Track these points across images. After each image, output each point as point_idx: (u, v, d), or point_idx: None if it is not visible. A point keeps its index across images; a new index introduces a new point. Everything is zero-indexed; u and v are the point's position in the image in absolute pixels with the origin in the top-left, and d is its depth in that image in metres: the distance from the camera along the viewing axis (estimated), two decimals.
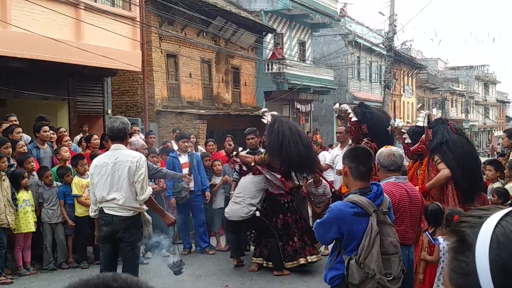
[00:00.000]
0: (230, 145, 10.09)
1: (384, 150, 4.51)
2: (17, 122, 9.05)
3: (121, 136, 5.35)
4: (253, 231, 8.10)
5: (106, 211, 5.37)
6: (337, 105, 8.16)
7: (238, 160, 8.17)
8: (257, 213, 7.60)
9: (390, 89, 28.11)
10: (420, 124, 6.45)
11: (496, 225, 0.94)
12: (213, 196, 9.38)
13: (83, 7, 12.28)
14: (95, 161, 5.58)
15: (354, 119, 7.48)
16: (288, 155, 7.43)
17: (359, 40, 31.50)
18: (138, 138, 8.55)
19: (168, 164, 8.98)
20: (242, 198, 7.64)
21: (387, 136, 7.39)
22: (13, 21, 10.60)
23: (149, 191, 5.46)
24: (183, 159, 8.99)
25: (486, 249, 0.92)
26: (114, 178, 5.30)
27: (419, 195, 4.56)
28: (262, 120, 8.11)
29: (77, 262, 8.29)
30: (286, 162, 7.59)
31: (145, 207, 5.50)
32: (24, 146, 8.31)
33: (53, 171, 8.45)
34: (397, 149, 4.70)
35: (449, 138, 6.00)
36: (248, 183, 7.76)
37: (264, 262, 7.81)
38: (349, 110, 7.68)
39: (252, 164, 7.77)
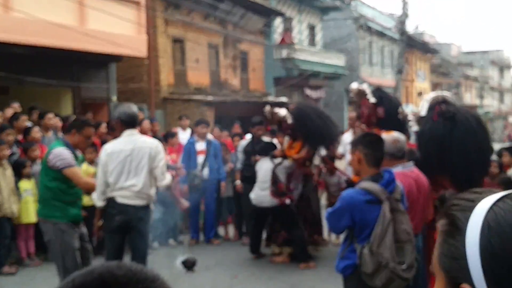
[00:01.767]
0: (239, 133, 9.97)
1: (387, 137, 4.32)
2: (20, 110, 9.05)
3: (136, 122, 5.47)
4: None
5: (119, 200, 5.27)
6: (355, 84, 7.69)
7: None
8: (287, 201, 7.44)
9: (403, 74, 27.83)
10: (422, 113, 6.14)
11: (488, 210, 0.94)
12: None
13: None
14: (109, 148, 5.42)
15: (372, 100, 7.19)
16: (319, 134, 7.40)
17: (370, 24, 31.31)
18: None
19: (185, 150, 8.86)
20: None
21: (399, 124, 7.11)
22: (15, 6, 10.44)
23: (169, 177, 5.51)
24: (200, 146, 8.82)
25: (477, 234, 0.93)
26: (132, 164, 5.24)
27: (426, 182, 4.47)
28: (280, 113, 7.74)
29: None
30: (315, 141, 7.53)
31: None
32: (38, 132, 8.26)
33: None
34: (398, 134, 4.55)
35: (423, 129, 5.54)
36: (269, 168, 7.55)
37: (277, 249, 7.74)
38: (367, 91, 7.35)
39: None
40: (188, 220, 9.23)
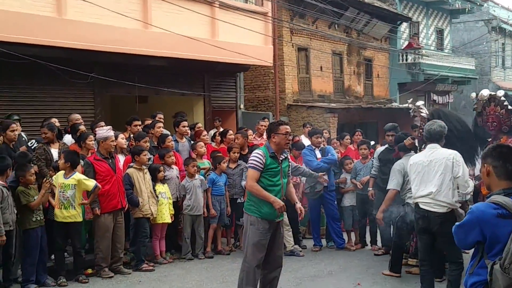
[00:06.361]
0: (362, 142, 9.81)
1: None
2: (162, 119, 9.60)
3: (437, 138, 5.96)
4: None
5: (421, 206, 5.92)
6: (486, 92, 7.08)
7: None
8: None
9: None
10: None
11: None
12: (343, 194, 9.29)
13: (217, 5, 12.70)
14: (411, 160, 6.21)
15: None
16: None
17: (504, 26, 29.64)
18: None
19: (306, 156, 8.91)
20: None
21: None
22: (154, 22, 11.22)
23: (472, 184, 6.02)
24: (318, 154, 8.92)
25: None
26: (429, 174, 5.84)
27: None
28: (420, 113, 7.28)
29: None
30: None
31: (457, 204, 5.90)
32: (172, 141, 8.73)
33: None
34: None
35: None
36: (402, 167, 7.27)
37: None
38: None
39: None
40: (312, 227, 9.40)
